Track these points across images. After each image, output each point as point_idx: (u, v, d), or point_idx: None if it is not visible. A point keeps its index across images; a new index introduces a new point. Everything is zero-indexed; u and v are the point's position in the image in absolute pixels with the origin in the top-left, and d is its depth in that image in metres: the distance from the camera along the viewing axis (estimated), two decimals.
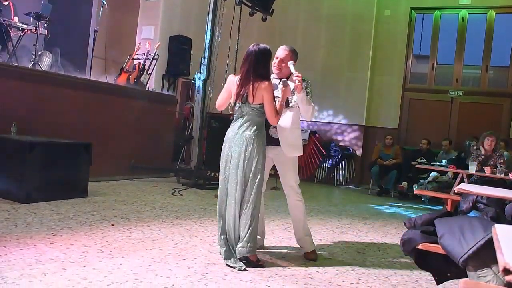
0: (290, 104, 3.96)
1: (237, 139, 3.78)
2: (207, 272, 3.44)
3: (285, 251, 4.30)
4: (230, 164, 3.79)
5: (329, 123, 10.90)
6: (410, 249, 2.70)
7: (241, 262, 3.62)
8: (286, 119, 3.94)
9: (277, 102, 3.81)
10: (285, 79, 3.88)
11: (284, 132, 3.95)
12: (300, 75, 3.78)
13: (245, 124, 3.79)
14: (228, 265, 3.61)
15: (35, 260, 3.26)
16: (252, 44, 3.88)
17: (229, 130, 3.91)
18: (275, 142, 3.98)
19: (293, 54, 4.03)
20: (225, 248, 3.72)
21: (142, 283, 3.06)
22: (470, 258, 2.19)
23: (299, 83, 3.75)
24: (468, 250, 2.18)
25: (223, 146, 3.91)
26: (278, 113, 3.77)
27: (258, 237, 3.96)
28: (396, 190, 9.26)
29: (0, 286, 2.76)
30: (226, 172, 3.82)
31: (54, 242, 3.74)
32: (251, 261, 3.67)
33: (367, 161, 10.27)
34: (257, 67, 3.75)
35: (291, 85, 3.87)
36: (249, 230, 3.68)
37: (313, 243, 4.20)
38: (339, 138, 10.83)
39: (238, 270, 3.54)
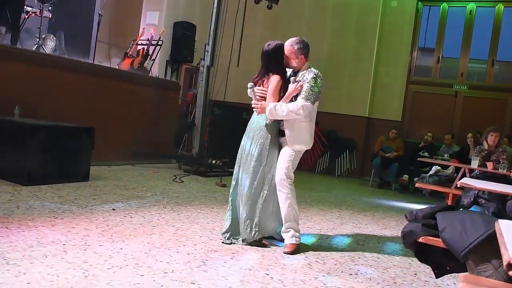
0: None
1: (251, 127, 4.04)
2: (206, 258, 3.45)
3: None
4: (245, 152, 4.02)
5: (331, 113, 10.84)
6: (410, 242, 2.70)
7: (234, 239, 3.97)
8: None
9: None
10: (294, 77, 4.04)
11: (288, 124, 3.98)
12: (256, 104, 3.97)
13: (259, 114, 4.01)
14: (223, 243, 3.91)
15: (37, 242, 3.28)
16: (266, 44, 4.08)
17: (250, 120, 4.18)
18: (282, 134, 4.05)
19: (298, 49, 4.02)
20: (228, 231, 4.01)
21: (142, 268, 3.07)
22: (470, 252, 2.19)
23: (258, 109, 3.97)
24: (469, 244, 2.18)
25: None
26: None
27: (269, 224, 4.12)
28: (397, 183, 9.26)
29: (2, 267, 2.77)
30: (241, 160, 4.05)
31: (56, 225, 3.76)
32: (255, 242, 3.96)
33: (369, 152, 10.25)
34: (269, 65, 4.04)
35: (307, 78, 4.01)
36: (257, 218, 3.94)
37: (295, 238, 3.96)
38: (341, 129, 10.80)
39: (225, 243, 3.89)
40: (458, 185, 3.06)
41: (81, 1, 9.34)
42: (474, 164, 6.61)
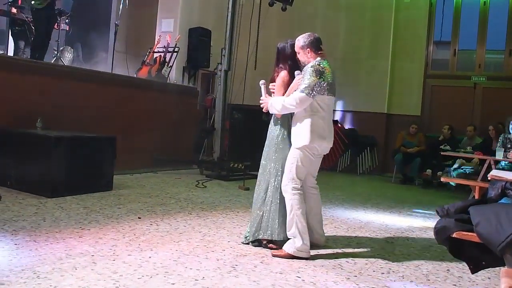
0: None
1: (269, 129, 4.05)
2: (236, 264, 3.43)
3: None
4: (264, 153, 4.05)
5: (350, 111, 10.81)
6: (444, 237, 2.64)
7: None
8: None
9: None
10: (299, 71, 3.94)
11: (294, 120, 3.88)
12: (262, 100, 3.98)
13: (274, 116, 4.03)
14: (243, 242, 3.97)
15: (65, 255, 3.29)
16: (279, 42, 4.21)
17: None
18: None
19: (304, 43, 3.91)
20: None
21: (172, 276, 3.07)
22: (508, 245, 2.14)
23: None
24: (507, 237, 2.13)
25: None
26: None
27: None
28: (420, 178, 9.14)
29: (32, 280, 2.78)
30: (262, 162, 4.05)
31: (83, 236, 3.77)
32: (262, 242, 3.89)
33: (390, 149, 10.15)
34: (277, 63, 4.12)
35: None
36: (264, 219, 3.88)
37: (293, 248, 3.69)
38: (361, 126, 10.73)
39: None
40: (488, 178, 2.99)
41: (97, 13, 9.45)
42: (499, 155, 6.47)
